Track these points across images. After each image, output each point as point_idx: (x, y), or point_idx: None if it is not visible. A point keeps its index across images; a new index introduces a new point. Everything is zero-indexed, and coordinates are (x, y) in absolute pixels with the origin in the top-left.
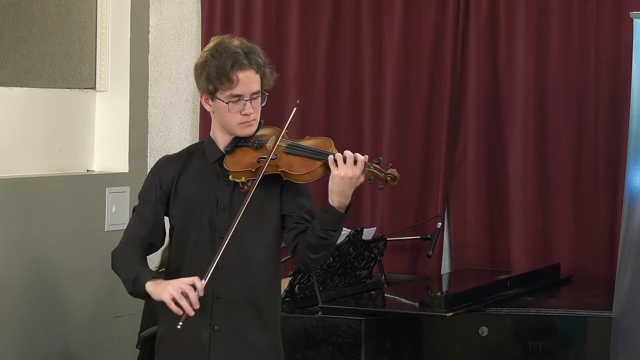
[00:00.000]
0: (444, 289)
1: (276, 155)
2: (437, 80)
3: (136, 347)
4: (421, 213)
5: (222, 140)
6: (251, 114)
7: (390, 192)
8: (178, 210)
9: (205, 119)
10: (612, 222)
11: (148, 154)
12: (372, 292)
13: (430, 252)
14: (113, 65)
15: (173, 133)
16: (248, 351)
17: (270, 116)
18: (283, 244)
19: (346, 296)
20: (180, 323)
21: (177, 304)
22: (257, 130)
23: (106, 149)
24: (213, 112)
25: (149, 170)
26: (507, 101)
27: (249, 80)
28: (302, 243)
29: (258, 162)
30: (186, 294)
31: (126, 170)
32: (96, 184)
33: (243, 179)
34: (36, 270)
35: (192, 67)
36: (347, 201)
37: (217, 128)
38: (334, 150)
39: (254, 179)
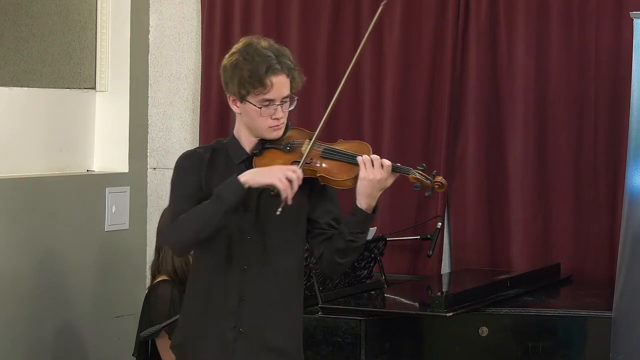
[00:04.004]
0: (444, 289)
1: (311, 159)
2: (437, 80)
3: (133, 355)
4: (421, 213)
5: (247, 141)
6: (281, 118)
7: (390, 192)
8: None
9: (205, 119)
10: (612, 222)
11: (148, 154)
12: (372, 292)
13: (430, 252)
14: (113, 65)
15: (173, 133)
16: (271, 354)
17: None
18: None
19: (346, 296)
20: (280, 209)
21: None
22: (284, 133)
23: (106, 149)
24: (240, 113)
25: (149, 170)
26: (507, 101)
27: (281, 85)
28: (329, 249)
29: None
30: (291, 179)
31: (126, 170)
32: (96, 184)
33: None
34: (36, 270)
35: (192, 67)
36: (374, 203)
37: (243, 129)
38: (370, 154)
39: None
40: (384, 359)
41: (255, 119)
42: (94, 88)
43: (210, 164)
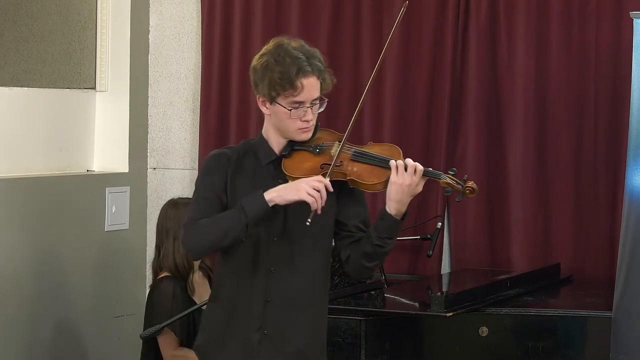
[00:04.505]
0: (444, 289)
1: (341, 162)
2: (437, 80)
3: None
4: (421, 213)
5: (276, 142)
6: (311, 120)
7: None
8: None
9: (205, 119)
10: (612, 222)
11: (148, 154)
12: (372, 292)
13: (430, 252)
14: (113, 65)
15: (173, 133)
16: (295, 357)
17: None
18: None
19: (346, 296)
20: (310, 220)
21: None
22: (313, 134)
23: (106, 149)
24: (269, 115)
25: (148, 170)
26: (507, 101)
27: (311, 87)
28: (356, 252)
29: (322, 168)
30: (319, 189)
31: (126, 170)
32: (96, 184)
33: None
34: (36, 271)
35: (192, 67)
36: (404, 208)
37: (271, 130)
38: (401, 158)
39: None
40: (384, 359)
41: (284, 121)
42: (94, 88)
43: (238, 164)
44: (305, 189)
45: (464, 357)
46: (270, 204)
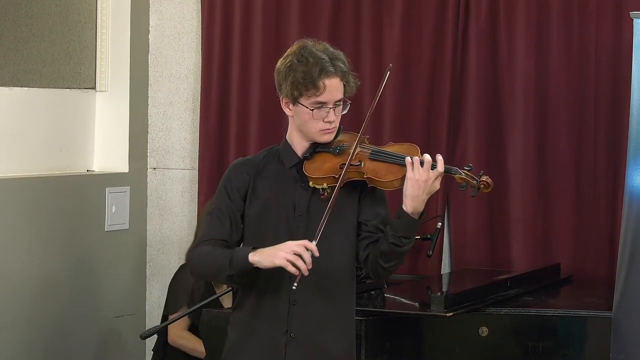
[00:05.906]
0: (444, 289)
1: (360, 161)
2: (437, 80)
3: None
4: None
5: (299, 145)
6: (333, 121)
7: (389, 191)
8: (254, 213)
9: (205, 119)
10: (612, 222)
11: (148, 154)
12: (372, 292)
13: (430, 252)
14: (113, 65)
15: (173, 133)
16: (324, 359)
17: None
18: None
19: None
20: (296, 284)
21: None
22: (336, 136)
23: (106, 149)
24: (292, 116)
25: (148, 170)
26: (507, 101)
27: (334, 88)
28: (374, 252)
29: (340, 168)
30: (299, 254)
31: (126, 170)
32: (96, 184)
33: (324, 185)
34: (35, 271)
35: (192, 67)
36: (421, 207)
37: (295, 133)
38: (419, 156)
39: (335, 185)
40: (384, 359)
41: (307, 122)
42: (94, 88)
43: (261, 170)
44: (283, 255)
45: (464, 357)
46: (253, 265)
